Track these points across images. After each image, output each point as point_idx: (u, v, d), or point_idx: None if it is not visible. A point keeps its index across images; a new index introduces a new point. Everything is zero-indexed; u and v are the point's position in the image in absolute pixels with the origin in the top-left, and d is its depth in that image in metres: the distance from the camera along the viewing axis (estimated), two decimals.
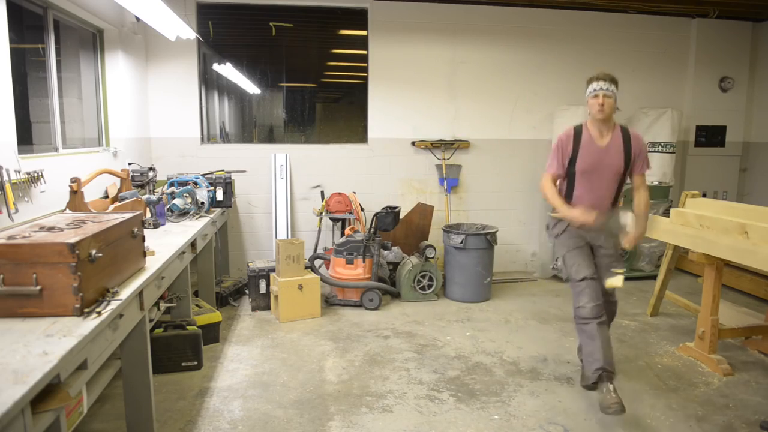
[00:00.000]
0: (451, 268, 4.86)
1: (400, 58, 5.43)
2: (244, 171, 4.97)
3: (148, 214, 3.42)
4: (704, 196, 4.86)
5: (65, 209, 3.00)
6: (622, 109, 2.91)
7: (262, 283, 4.48)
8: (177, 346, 3.27)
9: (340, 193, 5.09)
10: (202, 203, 3.88)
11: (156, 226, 3.38)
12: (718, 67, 5.99)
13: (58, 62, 3.63)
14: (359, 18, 5.39)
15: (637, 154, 2.95)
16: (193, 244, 3.29)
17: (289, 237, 5.26)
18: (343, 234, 5.04)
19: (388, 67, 5.43)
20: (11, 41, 2.76)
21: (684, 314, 4.40)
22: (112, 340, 1.90)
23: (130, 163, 4.26)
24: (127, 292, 2.02)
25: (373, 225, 4.75)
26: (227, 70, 5.38)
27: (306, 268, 4.38)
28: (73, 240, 1.72)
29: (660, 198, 5.48)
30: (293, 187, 5.42)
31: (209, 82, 5.47)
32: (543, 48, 5.66)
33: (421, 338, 3.91)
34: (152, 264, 2.43)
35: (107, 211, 3.13)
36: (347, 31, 5.62)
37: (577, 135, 2.97)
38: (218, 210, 4.15)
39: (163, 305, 2.98)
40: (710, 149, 6.12)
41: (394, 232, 5.03)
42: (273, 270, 4.43)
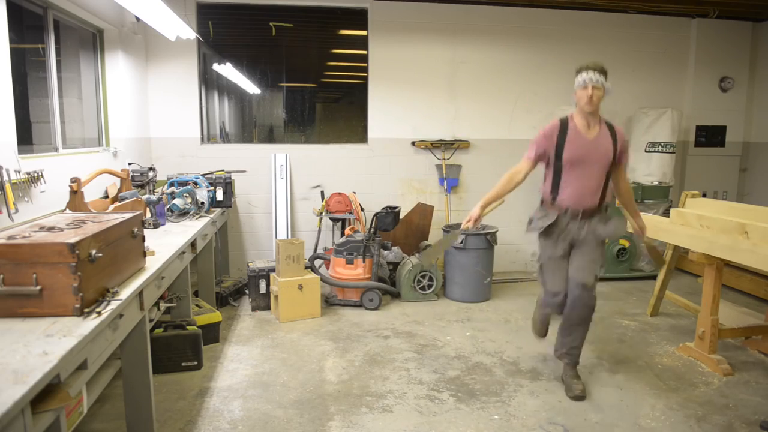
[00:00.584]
0: (451, 268, 4.86)
1: (400, 58, 5.43)
2: (244, 171, 4.97)
3: (148, 214, 3.42)
4: (704, 196, 4.86)
5: (65, 209, 3.00)
6: (612, 95, 2.93)
7: (262, 283, 4.48)
8: (177, 346, 3.26)
9: (340, 193, 5.09)
10: (202, 203, 3.88)
11: (156, 226, 3.38)
12: (718, 67, 5.99)
13: (58, 62, 3.63)
14: (359, 18, 5.39)
15: (623, 147, 2.96)
16: (193, 244, 3.29)
17: (289, 237, 5.26)
18: (343, 234, 5.04)
19: (388, 67, 5.43)
20: (11, 41, 2.76)
21: (684, 314, 4.40)
22: (112, 340, 1.90)
23: (130, 163, 4.26)
24: (127, 292, 2.02)
25: (373, 225, 4.75)
26: (227, 70, 5.38)
27: (306, 268, 4.38)
28: (73, 240, 1.72)
29: (660, 198, 5.48)
30: (293, 187, 5.42)
31: (209, 82, 5.47)
32: (543, 48, 5.66)
33: (421, 338, 3.91)
34: (152, 264, 2.43)
35: (107, 211, 3.13)
36: (347, 31, 5.62)
37: (563, 127, 2.92)
38: (218, 210, 4.15)
39: (163, 305, 2.98)
40: (710, 149, 6.12)
41: (394, 232, 5.03)
42: (273, 270, 4.43)
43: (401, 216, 5.15)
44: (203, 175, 4.12)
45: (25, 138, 3.26)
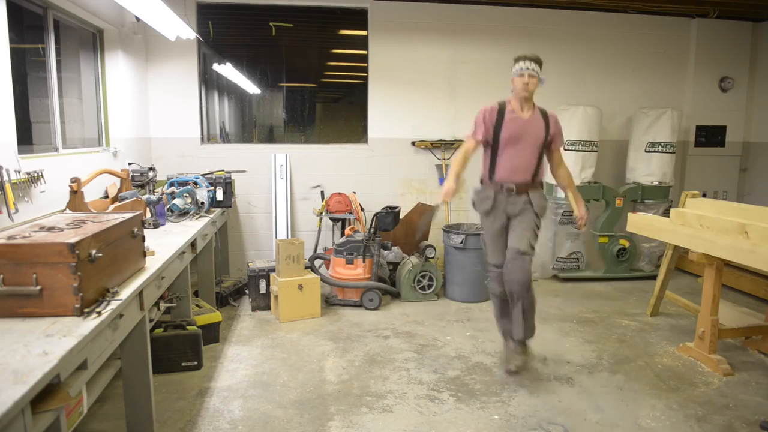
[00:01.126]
0: (451, 268, 4.86)
1: (400, 58, 5.43)
2: (244, 171, 4.97)
3: (148, 214, 3.42)
4: (704, 196, 4.85)
5: (65, 209, 3.00)
6: (544, 85, 3.22)
7: (262, 283, 4.48)
8: (177, 346, 3.26)
9: (340, 193, 5.09)
10: (202, 203, 3.88)
11: (156, 226, 3.38)
12: (718, 67, 5.99)
13: (58, 62, 3.63)
14: (359, 18, 5.39)
15: (555, 131, 3.21)
16: (193, 244, 3.29)
17: (289, 237, 5.26)
18: (343, 234, 5.04)
19: (388, 67, 5.43)
20: (11, 41, 2.76)
21: (684, 314, 4.40)
22: (112, 340, 1.90)
23: (130, 163, 4.26)
24: (127, 292, 2.02)
25: (373, 225, 4.75)
26: (227, 70, 5.38)
27: (306, 268, 4.38)
28: (73, 240, 1.72)
29: (660, 198, 5.49)
30: (293, 187, 5.42)
31: (209, 82, 5.47)
32: (543, 48, 5.64)
33: (421, 338, 3.91)
34: (152, 264, 2.43)
35: (107, 211, 3.13)
36: (347, 31, 5.62)
37: (501, 109, 3.16)
38: (218, 210, 4.15)
39: (163, 305, 2.98)
40: (710, 149, 6.12)
41: (394, 232, 5.03)
42: (273, 270, 4.42)
43: (401, 216, 5.15)
44: (203, 175, 4.12)
45: (25, 138, 3.26)
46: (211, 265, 4.17)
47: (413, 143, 5.54)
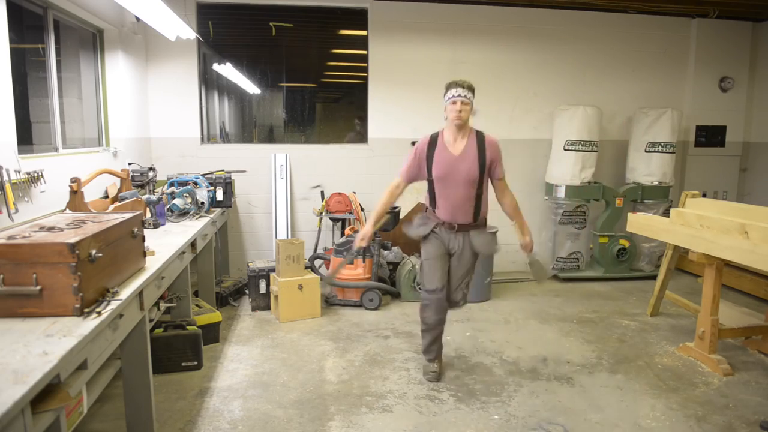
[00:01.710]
0: None
1: (400, 58, 5.43)
2: (244, 171, 4.97)
3: (148, 214, 3.42)
4: (704, 196, 4.86)
5: (65, 209, 3.00)
6: (477, 114, 3.09)
7: (262, 283, 4.48)
8: (177, 346, 3.26)
9: (340, 193, 5.09)
10: (202, 203, 3.88)
11: (156, 226, 3.38)
12: (718, 67, 5.99)
13: (58, 62, 3.63)
14: (359, 18, 5.39)
15: (493, 160, 3.03)
16: (193, 244, 3.29)
17: (289, 237, 5.26)
18: (343, 234, 5.04)
19: (388, 68, 5.43)
20: (11, 41, 2.76)
21: (684, 314, 4.40)
22: (112, 340, 1.90)
23: (130, 163, 4.26)
24: (127, 292, 2.02)
25: None
26: (227, 70, 5.38)
27: (306, 268, 4.38)
28: (73, 240, 1.72)
29: (660, 198, 5.49)
30: (293, 187, 5.42)
31: (209, 82, 5.47)
32: (543, 48, 5.66)
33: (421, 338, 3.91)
34: (152, 264, 2.43)
35: (107, 211, 3.13)
36: (347, 31, 5.62)
37: (432, 143, 3.05)
38: (218, 210, 4.15)
39: (163, 305, 2.98)
40: (710, 149, 6.11)
41: (394, 232, 5.02)
42: (273, 270, 4.42)
43: (401, 216, 5.15)
44: (203, 175, 4.12)
45: (25, 138, 3.26)
46: (211, 265, 4.17)
47: (413, 143, 5.50)
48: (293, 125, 5.69)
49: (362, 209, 5.23)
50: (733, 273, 4.78)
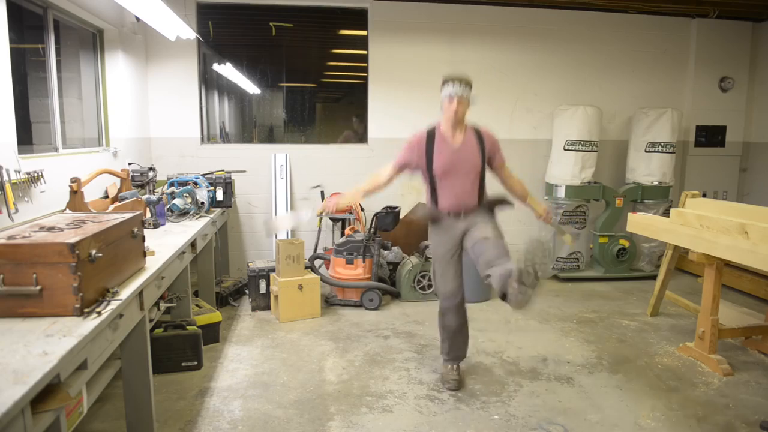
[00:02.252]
0: None
1: (400, 58, 5.43)
2: (244, 171, 4.97)
3: (148, 214, 3.42)
4: (704, 196, 4.86)
5: (65, 209, 3.00)
6: (476, 105, 3.06)
7: (262, 283, 4.48)
8: (177, 346, 3.26)
9: (340, 194, 5.08)
10: (202, 203, 3.88)
11: (156, 226, 3.38)
12: (718, 67, 5.99)
13: (58, 62, 3.63)
14: (359, 18, 5.39)
15: (493, 149, 3.04)
16: (193, 244, 3.29)
17: (289, 237, 5.26)
18: (343, 234, 5.04)
19: (388, 67, 5.43)
20: (11, 41, 2.76)
21: (684, 314, 4.40)
22: (112, 340, 1.90)
23: (130, 163, 4.26)
24: (127, 292, 2.02)
25: (373, 225, 4.75)
26: (227, 70, 5.38)
27: (306, 268, 4.38)
28: (73, 240, 1.72)
29: (660, 198, 5.49)
30: (293, 187, 5.42)
31: (209, 82, 5.47)
32: (543, 48, 5.66)
33: (421, 338, 3.91)
34: (152, 264, 2.43)
35: (107, 211, 3.13)
36: (347, 31, 5.62)
37: (430, 138, 3.00)
38: (218, 210, 4.15)
39: (163, 305, 2.98)
40: (710, 149, 6.11)
41: (394, 232, 5.02)
42: (273, 270, 4.42)
43: (401, 216, 5.15)
44: (203, 175, 4.12)
45: (25, 138, 3.26)
46: (211, 265, 4.17)
47: None
48: (293, 125, 5.69)
49: (362, 209, 5.23)
50: (733, 273, 4.78)
